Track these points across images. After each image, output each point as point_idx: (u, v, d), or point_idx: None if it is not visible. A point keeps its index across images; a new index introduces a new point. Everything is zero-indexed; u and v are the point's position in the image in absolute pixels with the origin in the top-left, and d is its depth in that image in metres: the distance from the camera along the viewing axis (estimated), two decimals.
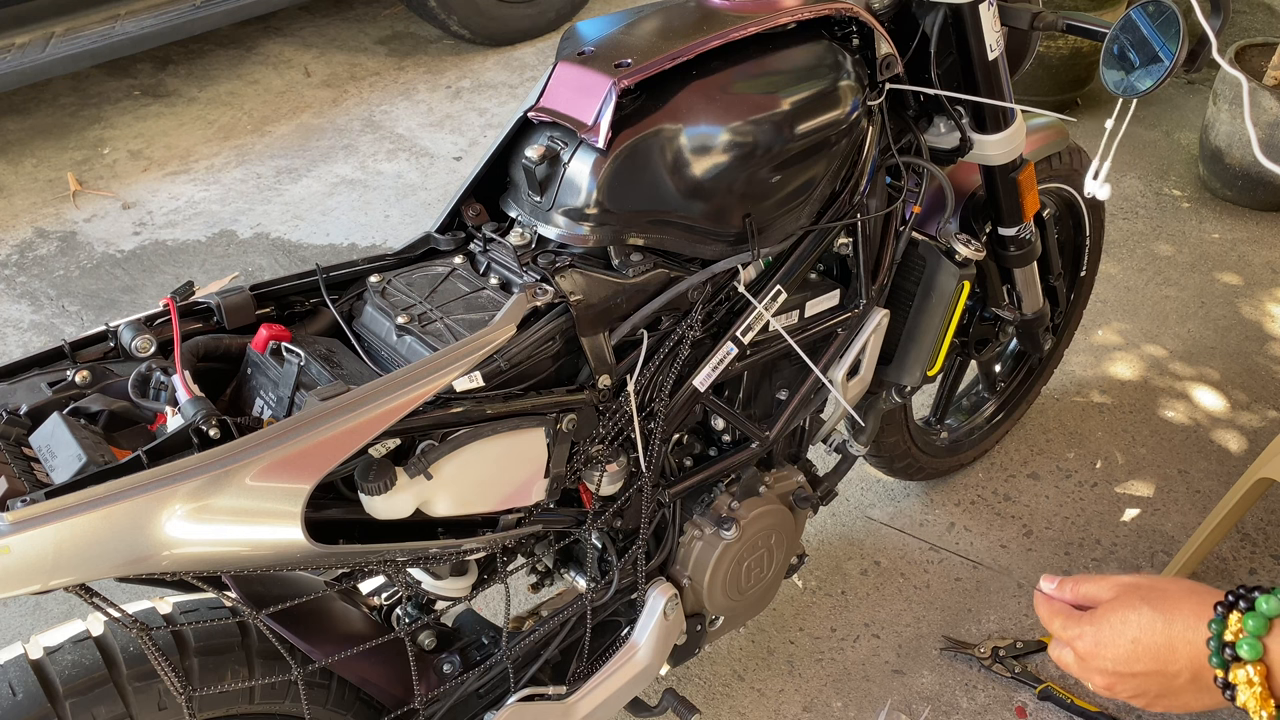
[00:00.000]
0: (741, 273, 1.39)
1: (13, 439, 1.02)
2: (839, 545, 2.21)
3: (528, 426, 1.22)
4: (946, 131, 1.60)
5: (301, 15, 4.22)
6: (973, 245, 1.65)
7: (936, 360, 1.75)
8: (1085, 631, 0.88)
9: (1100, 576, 0.91)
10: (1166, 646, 0.83)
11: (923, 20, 1.54)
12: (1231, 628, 0.79)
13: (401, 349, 1.23)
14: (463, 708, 1.42)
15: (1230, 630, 0.79)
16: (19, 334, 2.74)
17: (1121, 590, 0.88)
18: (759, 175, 1.35)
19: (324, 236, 3.09)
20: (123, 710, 1.11)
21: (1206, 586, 0.84)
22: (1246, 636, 0.77)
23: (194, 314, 1.23)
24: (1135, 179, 3.36)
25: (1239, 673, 0.77)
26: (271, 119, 3.62)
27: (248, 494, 1.00)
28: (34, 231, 3.10)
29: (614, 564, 1.45)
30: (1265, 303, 2.90)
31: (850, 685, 1.95)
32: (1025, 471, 2.40)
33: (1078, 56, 3.44)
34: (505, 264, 1.33)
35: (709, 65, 1.32)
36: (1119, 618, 0.86)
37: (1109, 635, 0.86)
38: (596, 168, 1.26)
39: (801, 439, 1.69)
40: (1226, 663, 0.78)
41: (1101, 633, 0.87)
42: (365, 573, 1.22)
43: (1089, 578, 0.92)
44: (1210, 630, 0.80)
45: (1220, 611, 0.80)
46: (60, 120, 3.60)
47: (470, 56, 3.99)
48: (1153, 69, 1.37)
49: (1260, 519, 2.28)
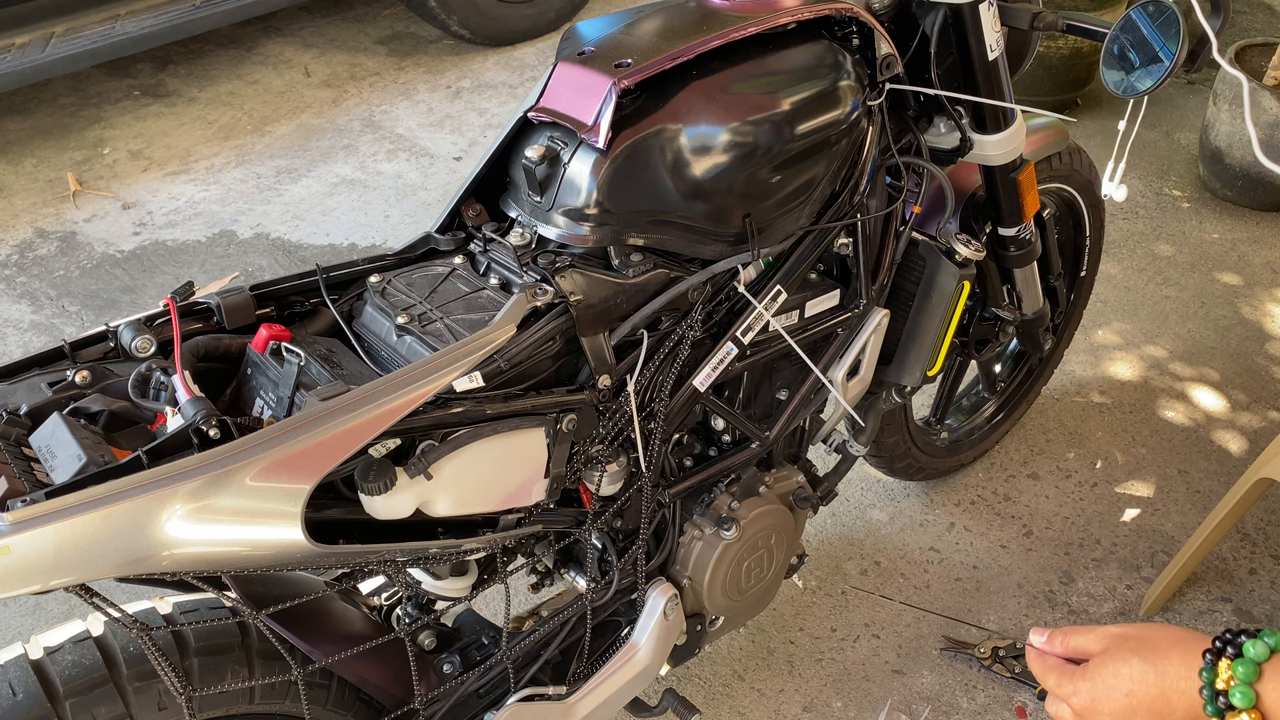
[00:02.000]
0: (741, 273, 1.39)
1: (13, 439, 1.02)
2: (839, 545, 2.21)
3: (528, 427, 1.22)
4: (946, 131, 1.60)
5: (301, 15, 4.22)
6: (973, 245, 1.65)
7: (936, 360, 1.75)
8: (1080, 688, 0.90)
9: (1088, 628, 0.92)
10: (1161, 698, 0.84)
11: (923, 20, 1.54)
12: (1222, 676, 0.79)
13: (401, 349, 1.23)
14: (463, 708, 1.42)
15: (1221, 679, 0.79)
16: (19, 334, 2.74)
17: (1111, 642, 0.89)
18: (759, 175, 1.35)
19: (324, 236, 3.09)
20: (123, 710, 1.11)
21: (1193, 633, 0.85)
22: (1238, 684, 0.78)
23: (194, 314, 1.23)
24: (1135, 179, 3.37)
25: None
26: (271, 119, 3.62)
27: (248, 494, 1.00)
28: (34, 231, 3.10)
29: (614, 564, 1.45)
30: (1265, 303, 2.90)
31: (850, 685, 1.95)
32: (1025, 471, 2.40)
33: (1078, 56, 3.44)
34: (505, 264, 1.33)
35: (709, 65, 1.31)
36: (1111, 671, 0.87)
37: (1103, 690, 0.88)
38: (596, 168, 1.26)
39: (801, 439, 1.69)
40: (1221, 711, 0.79)
41: (1096, 688, 0.88)
42: (365, 573, 1.22)
43: (1077, 630, 0.93)
44: (1202, 679, 0.80)
45: (1209, 660, 0.80)
46: (60, 120, 3.60)
47: (470, 56, 3.99)
48: (1153, 69, 1.37)
49: (1260, 519, 2.28)
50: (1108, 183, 1.39)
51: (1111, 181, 1.38)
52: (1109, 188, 1.39)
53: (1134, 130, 1.36)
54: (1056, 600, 2.10)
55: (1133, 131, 1.36)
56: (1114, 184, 1.38)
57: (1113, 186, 1.39)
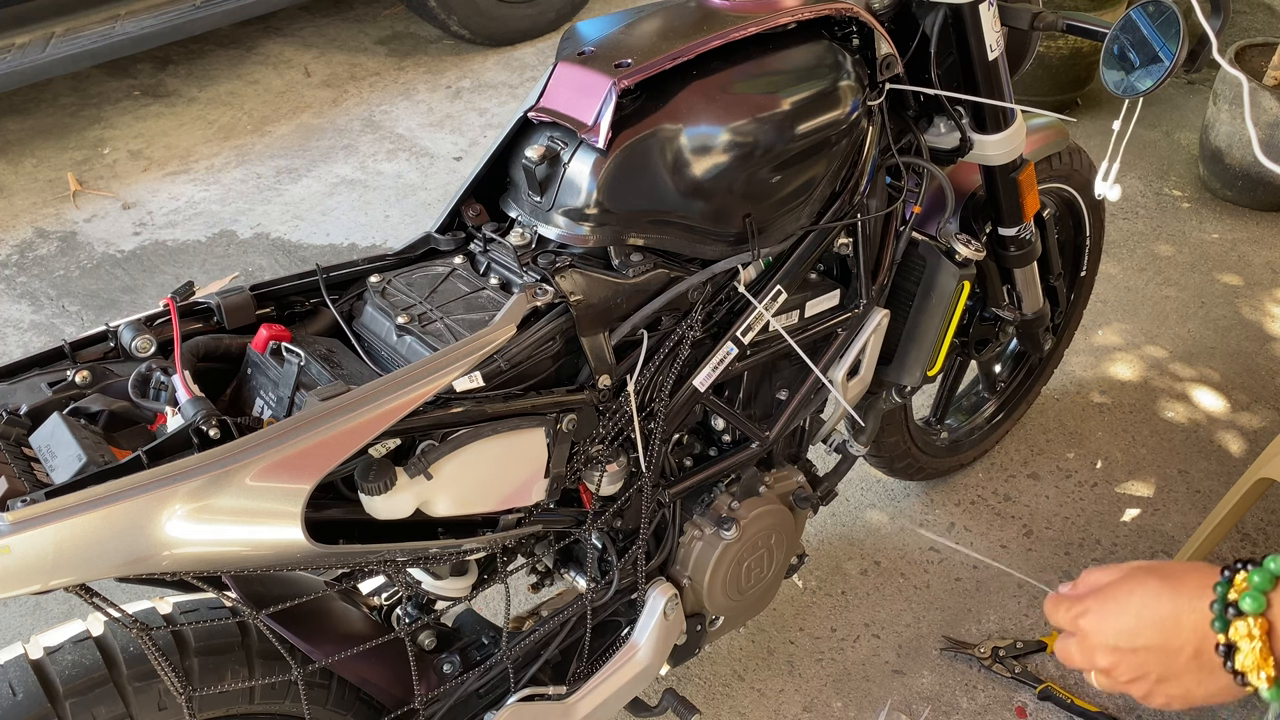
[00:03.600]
0: (741, 273, 1.39)
1: (13, 439, 1.02)
2: (839, 545, 2.21)
3: (528, 426, 1.22)
4: (946, 131, 1.60)
5: (301, 15, 4.22)
6: (973, 245, 1.65)
7: (936, 360, 1.75)
8: (1089, 606, 0.87)
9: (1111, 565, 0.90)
10: (1171, 618, 0.82)
11: (923, 20, 1.53)
12: (1237, 586, 0.77)
13: (401, 349, 1.23)
14: (463, 708, 1.42)
15: (1235, 589, 0.77)
16: (19, 334, 2.74)
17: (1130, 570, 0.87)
18: (759, 175, 1.35)
19: (324, 236, 3.09)
20: (123, 710, 1.11)
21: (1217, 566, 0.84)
22: (1250, 590, 0.76)
23: (194, 314, 1.23)
24: (1135, 179, 3.37)
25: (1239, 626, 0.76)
26: (271, 119, 3.62)
27: (248, 494, 1.00)
28: (34, 231, 3.10)
29: (614, 564, 1.45)
30: (1265, 303, 2.90)
31: (850, 685, 1.95)
32: (1025, 471, 2.40)
33: (1078, 56, 3.44)
34: (505, 264, 1.33)
35: (709, 65, 1.32)
36: (1124, 590, 0.85)
37: (1113, 608, 0.86)
38: (596, 168, 1.26)
39: (801, 439, 1.69)
40: (1228, 623, 0.77)
41: (1106, 605, 0.86)
42: (365, 573, 1.22)
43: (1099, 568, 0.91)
44: (1215, 593, 0.78)
45: (1226, 575, 0.79)
46: (60, 120, 3.60)
47: (470, 56, 3.99)
48: (1153, 69, 1.37)
49: (1260, 519, 2.28)
50: (1101, 182, 1.38)
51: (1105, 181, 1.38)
52: (1102, 187, 1.38)
53: (1129, 129, 1.36)
54: None
55: (1127, 131, 1.36)
56: (1108, 184, 1.38)
57: (1106, 186, 1.38)
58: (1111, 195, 1.38)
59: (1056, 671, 1.97)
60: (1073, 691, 1.93)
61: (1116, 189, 1.38)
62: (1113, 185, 1.38)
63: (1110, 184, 1.38)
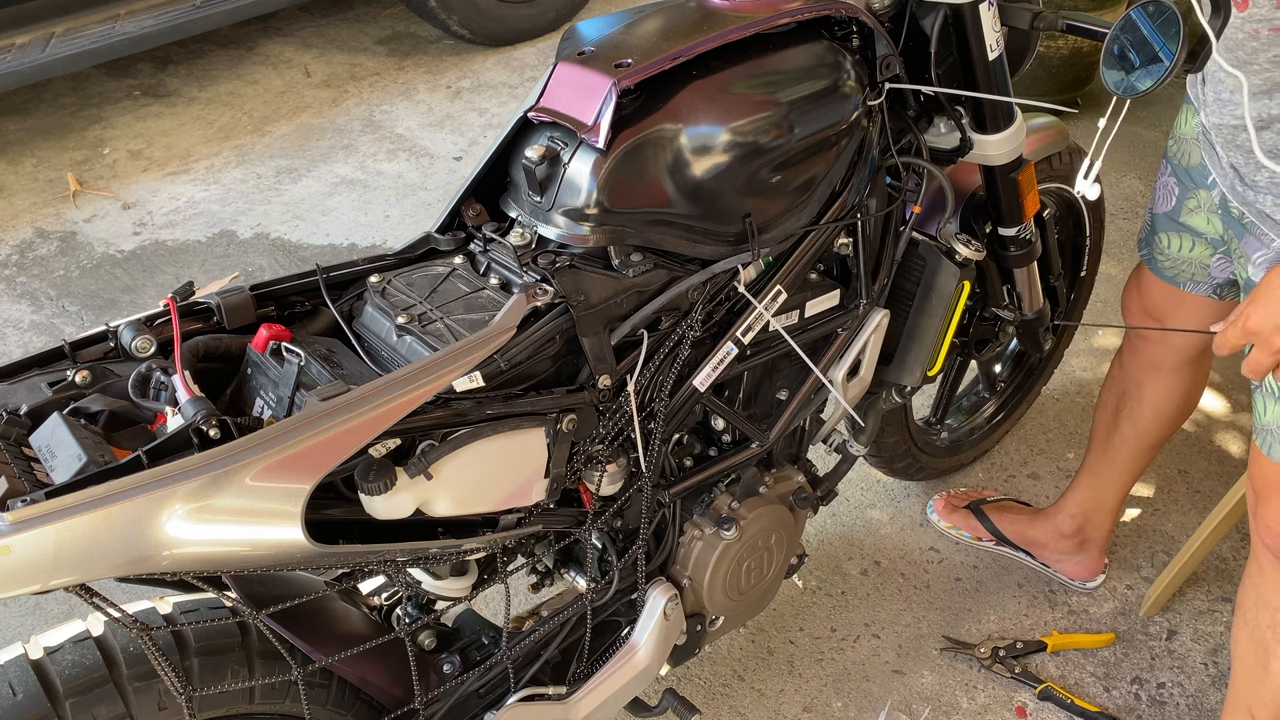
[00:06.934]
0: (741, 273, 1.39)
1: (13, 439, 1.02)
2: (839, 545, 2.21)
3: (528, 427, 1.22)
4: (946, 131, 1.60)
5: (301, 15, 4.22)
6: (973, 245, 1.65)
7: (936, 360, 1.75)
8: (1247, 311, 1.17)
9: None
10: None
11: (923, 20, 1.53)
12: None
13: (401, 349, 1.23)
14: (463, 708, 1.42)
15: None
16: (19, 334, 2.74)
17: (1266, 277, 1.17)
18: (759, 175, 1.35)
19: (324, 236, 3.09)
20: (123, 710, 1.11)
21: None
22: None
23: (194, 314, 1.23)
24: (1135, 179, 3.36)
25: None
26: (271, 119, 3.62)
27: (248, 494, 1.00)
28: (34, 231, 3.10)
29: (614, 564, 1.45)
30: None
31: (850, 685, 1.95)
32: (1025, 471, 2.40)
33: (1078, 56, 3.43)
34: (505, 264, 1.33)
35: (709, 65, 1.31)
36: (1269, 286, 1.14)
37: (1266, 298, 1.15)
38: (596, 168, 1.26)
39: (801, 439, 1.69)
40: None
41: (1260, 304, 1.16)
42: (365, 573, 1.22)
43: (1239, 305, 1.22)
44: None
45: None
46: (60, 120, 3.60)
47: (470, 56, 4.00)
48: (1153, 69, 1.37)
49: None
50: (1081, 180, 1.37)
51: (1085, 179, 1.36)
52: (1082, 185, 1.37)
53: (1115, 128, 1.34)
54: (1056, 600, 2.10)
55: (1113, 130, 1.34)
56: (1087, 181, 1.36)
57: (1086, 184, 1.37)
58: (1090, 194, 1.37)
59: (1056, 671, 1.98)
60: (1073, 692, 1.93)
61: (1096, 187, 1.37)
62: (1092, 184, 1.36)
63: (1090, 182, 1.36)
